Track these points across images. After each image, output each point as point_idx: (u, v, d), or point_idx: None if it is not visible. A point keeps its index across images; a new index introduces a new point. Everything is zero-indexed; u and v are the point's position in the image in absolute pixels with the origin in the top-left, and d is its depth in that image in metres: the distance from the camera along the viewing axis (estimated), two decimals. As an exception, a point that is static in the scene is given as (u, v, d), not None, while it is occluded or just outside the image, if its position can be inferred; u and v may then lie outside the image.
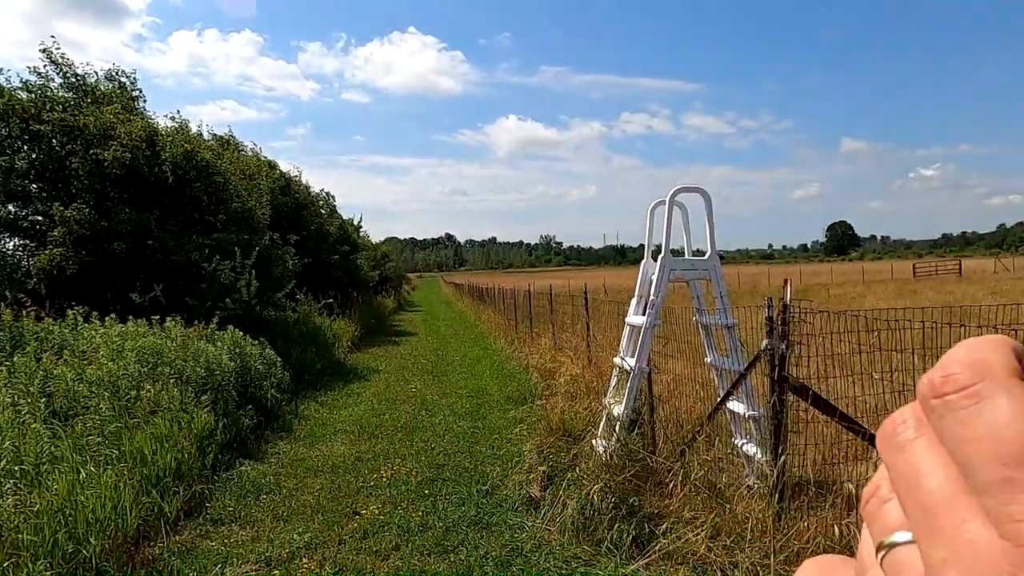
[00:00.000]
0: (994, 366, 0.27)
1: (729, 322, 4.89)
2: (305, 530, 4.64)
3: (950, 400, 0.27)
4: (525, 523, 4.62)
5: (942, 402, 0.27)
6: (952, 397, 0.26)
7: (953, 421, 0.26)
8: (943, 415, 0.27)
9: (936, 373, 0.28)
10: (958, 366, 0.27)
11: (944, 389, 0.27)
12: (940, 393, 0.27)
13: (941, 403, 0.27)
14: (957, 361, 0.27)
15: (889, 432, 0.30)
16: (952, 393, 0.27)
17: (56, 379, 5.47)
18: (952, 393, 0.27)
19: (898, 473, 0.29)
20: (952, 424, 0.26)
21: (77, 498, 3.95)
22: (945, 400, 0.27)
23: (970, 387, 0.26)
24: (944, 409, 0.27)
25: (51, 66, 10.26)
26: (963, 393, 0.26)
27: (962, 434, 0.26)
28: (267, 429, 7.46)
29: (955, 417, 0.26)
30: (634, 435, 4.94)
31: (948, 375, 0.27)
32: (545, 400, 7.59)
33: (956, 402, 0.26)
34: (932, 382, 0.27)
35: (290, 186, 17.66)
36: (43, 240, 9.56)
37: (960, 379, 0.27)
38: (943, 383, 0.27)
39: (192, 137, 11.49)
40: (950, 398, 0.27)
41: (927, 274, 40.55)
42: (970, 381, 0.26)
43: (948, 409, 0.27)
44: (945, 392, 0.27)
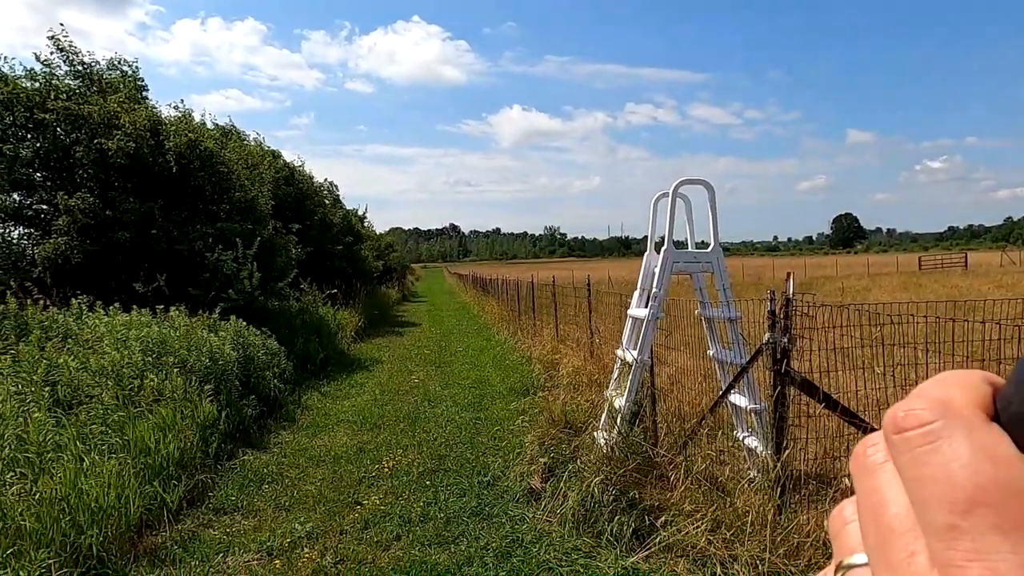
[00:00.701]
0: (957, 404, 0.26)
1: (732, 315, 4.87)
2: (307, 520, 4.66)
3: (908, 437, 0.26)
4: (526, 514, 4.64)
5: (901, 438, 0.27)
6: (910, 434, 0.26)
7: (909, 459, 0.26)
8: (901, 452, 0.27)
9: (900, 407, 0.27)
10: (921, 401, 0.27)
11: (904, 425, 0.27)
12: (900, 429, 0.27)
13: (900, 439, 0.27)
14: (922, 395, 0.27)
15: (859, 454, 0.30)
16: (911, 430, 0.26)
17: (60, 368, 5.49)
18: (911, 430, 0.26)
19: (862, 496, 0.29)
20: (907, 462, 0.26)
21: (80, 487, 3.98)
22: (904, 436, 0.27)
23: (928, 425, 0.26)
24: (903, 446, 0.27)
25: (58, 53, 10.23)
26: (920, 431, 0.26)
27: (915, 473, 0.26)
28: (270, 419, 7.49)
29: (911, 456, 0.26)
30: (636, 428, 4.94)
31: (910, 411, 0.27)
32: (547, 392, 7.60)
33: (913, 440, 0.26)
34: (894, 417, 0.27)
35: (293, 176, 17.63)
36: (48, 229, 9.57)
37: (921, 416, 0.26)
38: (904, 419, 0.27)
39: (196, 127, 11.46)
40: (908, 435, 0.26)
41: (933, 267, 40.35)
42: (930, 419, 0.26)
43: (906, 447, 0.26)
44: (905, 428, 0.27)
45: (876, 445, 0.29)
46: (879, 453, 0.29)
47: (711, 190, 4.92)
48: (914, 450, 0.26)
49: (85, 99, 9.87)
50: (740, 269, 39.26)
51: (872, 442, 0.29)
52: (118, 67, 11.24)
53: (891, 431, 0.27)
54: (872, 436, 0.30)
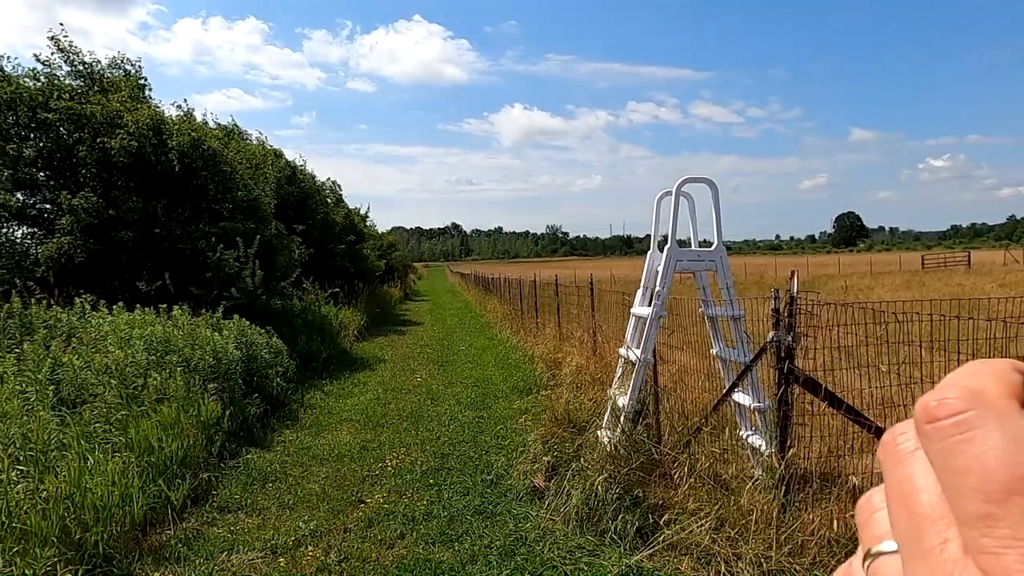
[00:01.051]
0: (989, 394, 0.26)
1: (735, 313, 4.87)
2: (310, 518, 4.67)
3: (941, 427, 0.26)
4: (529, 513, 4.64)
5: (933, 428, 0.27)
6: (943, 424, 0.26)
7: (942, 449, 0.26)
8: (933, 441, 0.27)
9: (932, 396, 0.27)
10: (953, 391, 0.27)
11: (937, 414, 0.27)
12: (933, 418, 0.27)
13: (932, 429, 0.27)
14: (953, 385, 0.27)
15: (889, 442, 0.30)
16: (944, 419, 0.26)
17: (64, 367, 5.50)
18: (944, 419, 0.26)
19: (892, 485, 0.29)
20: (940, 452, 0.26)
21: (84, 485, 3.99)
22: (936, 426, 0.26)
23: (961, 415, 0.26)
24: (935, 436, 0.26)
25: (58, 54, 10.26)
26: (954, 420, 0.26)
27: (949, 463, 0.26)
28: (273, 418, 7.50)
29: (944, 445, 0.26)
30: (639, 426, 4.94)
31: (942, 400, 0.27)
32: (550, 390, 7.60)
33: (946, 430, 0.26)
34: (926, 406, 0.27)
35: (296, 175, 17.65)
36: (51, 228, 9.61)
37: (953, 405, 0.26)
38: (936, 408, 0.27)
39: (198, 126, 11.48)
40: (941, 424, 0.26)
41: (936, 266, 40.26)
42: (962, 408, 0.26)
43: (939, 436, 0.26)
44: (937, 417, 0.27)
45: (906, 434, 0.29)
46: (909, 441, 0.28)
47: (714, 188, 4.91)
48: (947, 439, 0.26)
49: (87, 98, 9.88)
50: (743, 268, 39.22)
51: (902, 430, 0.29)
52: (120, 66, 11.27)
53: (923, 420, 0.27)
54: (902, 424, 0.30)
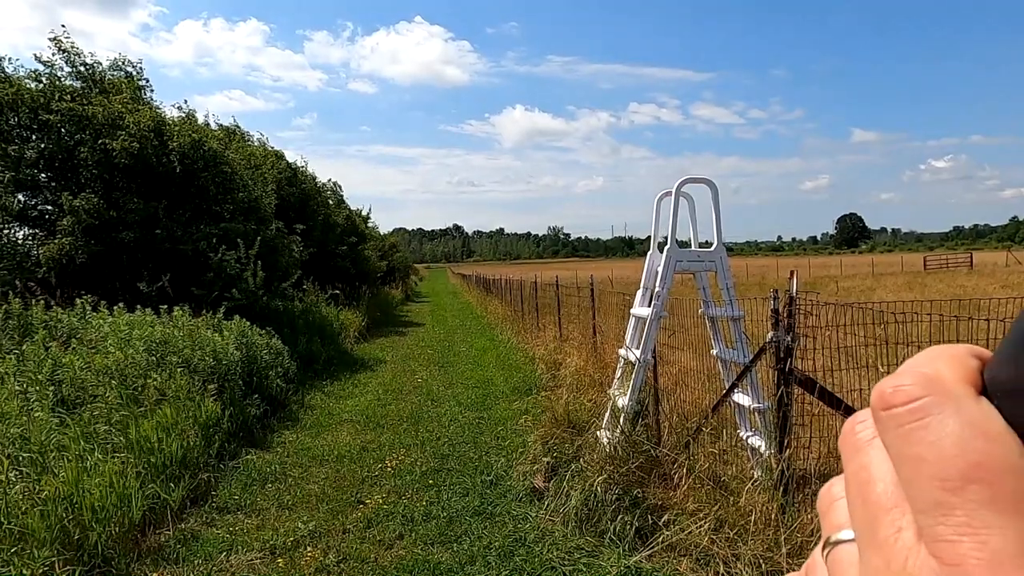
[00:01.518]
0: (945, 380, 0.26)
1: (735, 314, 4.86)
2: (310, 519, 4.66)
3: (896, 414, 0.26)
4: (529, 514, 4.63)
5: (889, 415, 0.26)
6: (898, 411, 0.26)
7: (897, 436, 0.26)
8: (889, 428, 0.26)
9: (887, 382, 0.27)
10: (909, 377, 0.26)
11: (892, 401, 0.26)
12: (888, 405, 0.26)
13: (888, 416, 0.26)
14: (909, 371, 0.27)
15: (848, 431, 0.29)
16: (899, 406, 0.26)
17: (64, 367, 5.51)
18: (899, 406, 0.26)
19: (850, 473, 0.28)
20: (896, 439, 0.26)
21: (83, 486, 3.98)
22: (892, 413, 0.26)
23: (917, 401, 0.26)
24: (890, 422, 0.26)
25: (60, 55, 10.27)
26: (909, 407, 0.26)
27: (904, 450, 0.25)
28: (273, 418, 7.50)
29: (899, 432, 0.26)
30: (638, 427, 4.93)
31: (897, 386, 0.26)
32: (550, 391, 7.59)
33: (901, 416, 0.26)
34: (882, 392, 0.27)
35: (296, 176, 17.65)
36: (52, 229, 9.62)
37: (909, 391, 0.26)
38: (892, 395, 0.26)
39: (199, 127, 11.50)
40: (896, 411, 0.26)
41: (938, 267, 40.21)
42: (918, 395, 0.26)
43: (894, 423, 0.26)
44: (893, 404, 0.26)
45: (864, 422, 0.29)
46: (867, 430, 0.28)
47: (714, 189, 4.91)
48: (902, 426, 0.26)
49: (89, 100, 9.90)
50: (744, 269, 39.20)
51: (860, 419, 0.29)
52: (122, 68, 11.29)
53: (879, 407, 0.27)
54: (860, 413, 0.29)
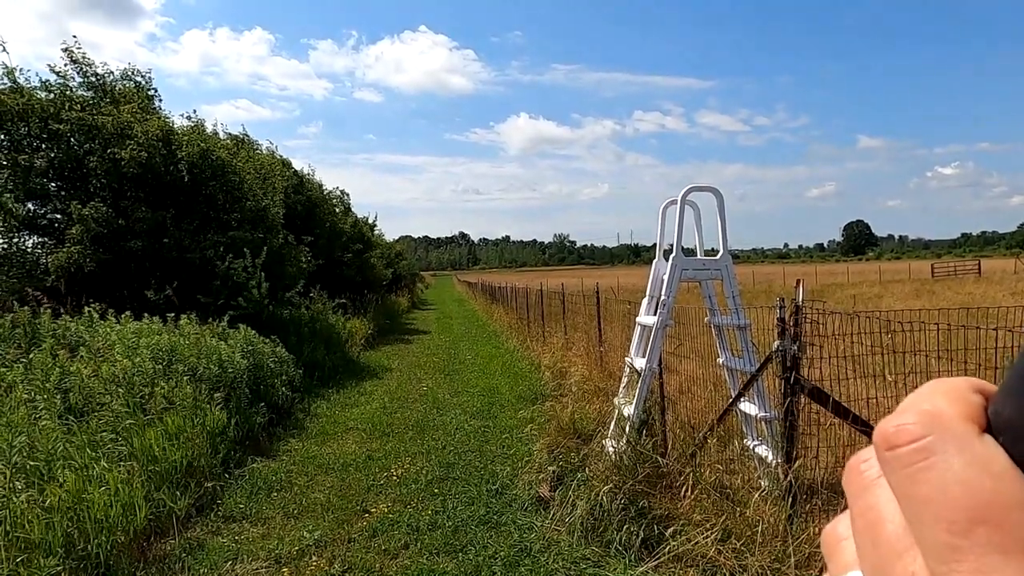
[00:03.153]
0: (947, 417, 0.25)
1: (741, 322, 4.84)
2: (315, 528, 4.65)
3: (900, 454, 0.25)
4: (534, 523, 4.61)
5: (893, 455, 0.26)
6: (902, 451, 0.25)
7: (903, 477, 0.25)
8: (894, 469, 0.26)
9: (890, 422, 0.26)
10: (911, 415, 0.26)
11: (895, 441, 0.26)
12: (892, 445, 0.26)
13: (892, 456, 0.26)
14: (911, 409, 0.26)
15: (853, 469, 0.29)
16: (903, 446, 0.25)
17: (72, 376, 5.53)
18: (903, 446, 0.25)
19: (857, 513, 0.28)
20: (902, 480, 0.25)
21: (89, 495, 3.99)
22: (896, 454, 0.26)
23: (920, 441, 0.25)
24: (895, 463, 0.26)
25: (71, 65, 10.38)
26: (913, 448, 0.25)
27: (910, 492, 0.25)
28: (279, 427, 7.51)
29: (905, 473, 0.25)
30: (645, 436, 4.91)
31: (900, 426, 0.26)
32: (556, 400, 7.58)
33: (906, 457, 0.25)
34: (885, 432, 0.26)
35: (303, 184, 17.74)
36: (61, 238, 9.68)
37: (912, 431, 0.25)
38: (895, 434, 0.26)
39: (208, 136, 11.57)
40: (900, 452, 0.25)
41: (946, 274, 39.96)
42: (921, 433, 0.25)
43: (899, 464, 0.25)
44: (896, 444, 0.26)
45: (869, 460, 0.28)
46: (873, 469, 0.28)
47: (720, 197, 4.90)
48: (907, 468, 0.25)
49: (98, 109, 9.98)
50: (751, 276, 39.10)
51: (865, 457, 0.28)
52: (131, 77, 11.38)
53: (882, 447, 0.26)
54: (865, 451, 0.29)
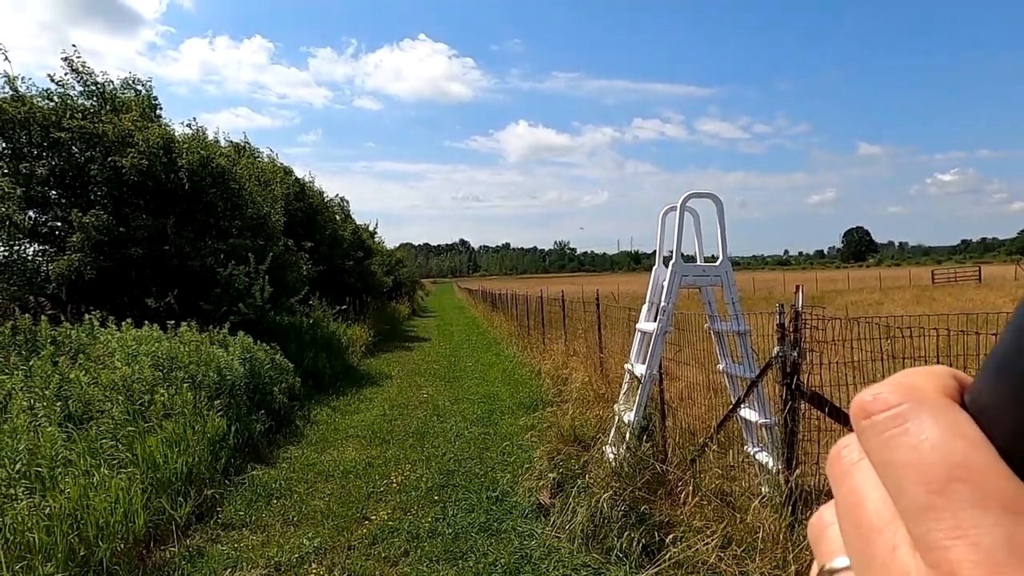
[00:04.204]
0: (923, 389, 0.26)
1: (741, 328, 4.84)
2: (315, 535, 4.64)
3: (876, 421, 0.26)
4: (534, 530, 4.60)
5: (869, 423, 0.26)
6: (878, 418, 0.26)
7: (879, 443, 0.26)
8: (870, 437, 0.26)
9: (867, 392, 0.27)
10: (888, 387, 0.27)
11: (871, 409, 0.26)
12: (868, 413, 0.26)
13: (868, 424, 0.26)
14: (888, 382, 0.27)
15: (834, 456, 0.29)
16: (879, 413, 0.26)
17: (72, 383, 5.53)
18: (879, 413, 0.26)
19: (840, 498, 0.28)
20: (878, 446, 0.26)
21: (89, 502, 3.99)
22: (872, 421, 0.26)
23: (896, 408, 0.26)
24: (871, 431, 0.26)
25: (72, 74, 10.43)
26: (888, 414, 0.26)
27: (887, 457, 0.25)
28: (279, 434, 7.49)
29: (881, 439, 0.26)
30: (645, 443, 4.90)
31: (877, 395, 0.26)
32: (556, 406, 7.57)
33: (882, 424, 0.26)
34: (861, 402, 0.27)
35: (304, 192, 17.78)
36: (62, 246, 9.70)
37: (887, 399, 0.26)
38: (871, 403, 0.26)
39: (208, 144, 11.60)
40: (876, 419, 0.26)
41: (946, 280, 39.96)
42: (896, 401, 0.26)
43: (875, 431, 0.26)
44: (872, 412, 0.26)
45: (850, 446, 0.29)
46: (853, 452, 0.28)
47: (719, 203, 4.91)
48: (883, 434, 0.26)
49: (99, 118, 10.02)
50: (751, 283, 39.10)
51: (845, 444, 0.29)
52: (132, 86, 11.43)
53: (859, 416, 0.27)
54: (845, 438, 0.29)
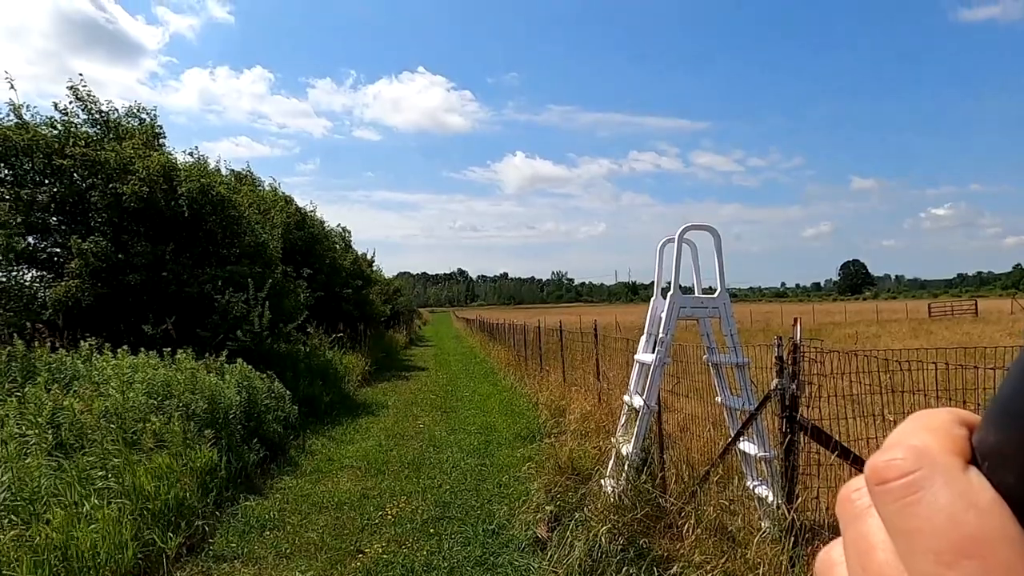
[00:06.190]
0: (934, 452, 0.27)
1: (740, 361, 4.84)
2: (308, 568, 4.56)
3: (890, 489, 0.27)
4: (531, 564, 4.52)
5: (883, 489, 0.27)
6: (892, 485, 0.27)
7: (893, 510, 0.26)
8: (885, 502, 0.27)
9: (880, 457, 0.28)
10: (900, 451, 0.27)
11: (885, 476, 0.27)
12: (882, 480, 0.27)
13: (882, 491, 0.27)
14: (899, 444, 0.27)
15: (845, 498, 0.30)
16: (892, 480, 0.27)
17: (64, 410, 5.47)
18: (892, 480, 0.27)
19: (849, 541, 0.29)
20: (891, 513, 0.26)
21: (77, 533, 3.91)
22: (886, 488, 0.27)
23: (910, 475, 0.26)
24: (886, 497, 0.27)
25: (76, 102, 10.55)
26: (902, 483, 0.26)
27: (900, 524, 0.26)
28: (273, 464, 7.40)
29: (895, 507, 0.26)
30: (644, 475, 4.85)
31: (890, 461, 0.27)
32: (554, 438, 7.50)
33: (895, 491, 0.26)
34: (875, 467, 0.28)
35: (304, 220, 17.87)
36: (60, 272, 9.70)
37: (901, 466, 0.27)
38: (885, 469, 0.27)
39: (209, 172, 11.69)
40: (890, 486, 0.27)
41: (943, 314, 40.07)
42: (910, 468, 0.26)
43: (889, 497, 0.27)
44: (886, 479, 0.27)
45: (860, 490, 0.29)
46: (864, 498, 0.29)
47: (717, 236, 4.94)
48: (897, 501, 0.26)
49: (102, 145, 10.11)
50: (748, 315, 39.13)
51: (856, 486, 0.29)
52: (136, 115, 11.57)
53: (873, 481, 0.27)
54: (856, 480, 0.30)
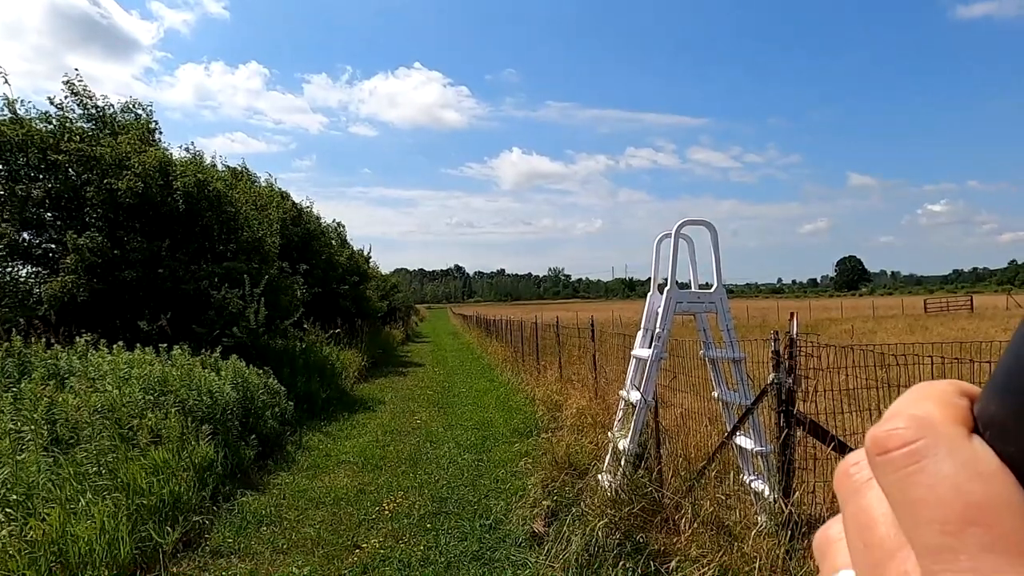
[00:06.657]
0: (937, 421, 0.26)
1: (736, 356, 4.84)
2: (304, 563, 4.56)
3: (892, 458, 0.26)
4: (528, 559, 4.53)
5: (885, 459, 0.26)
6: (894, 455, 0.26)
7: (895, 480, 0.26)
8: (886, 473, 0.26)
9: (881, 427, 0.27)
10: (902, 420, 0.27)
11: (887, 445, 0.26)
12: (884, 449, 0.27)
13: (884, 460, 0.26)
14: (901, 414, 0.27)
15: (843, 472, 0.29)
16: (894, 450, 0.26)
17: (60, 406, 5.46)
18: (894, 450, 0.26)
19: (849, 515, 0.28)
20: (894, 483, 0.26)
21: (72, 529, 3.91)
22: (888, 458, 0.26)
23: (911, 444, 0.26)
24: (887, 467, 0.26)
25: (72, 97, 10.50)
26: (904, 451, 0.26)
27: (903, 495, 0.25)
28: (270, 459, 7.39)
29: (897, 477, 0.26)
30: (640, 470, 4.86)
31: (892, 430, 0.27)
32: (551, 433, 7.51)
33: (898, 461, 0.26)
34: (876, 437, 0.27)
35: (301, 216, 17.84)
36: (55, 267, 9.66)
37: (903, 435, 0.26)
38: (887, 438, 0.27)
39: (205, 167, 11.66)
40: (892, 456, 0.26)
41: (938, 310, 40.19)
42: (913, 437, 0.26)
43: (891, 467, 0.26)
44: (888, 448, 0.26)
45: (859, 463, 0.29)
46: (863, 471, 0.28)
47: (713, 231, 4.94)
48: (899, 471, 0.26)
49: (97, 141, 10.06)
50: (745, 311, 39.20)
51: (854, 460, 0.29)
52: (132, 110, 11.52)
53: (874, 452, 0.27)
54: (854, 454, 0.29)
